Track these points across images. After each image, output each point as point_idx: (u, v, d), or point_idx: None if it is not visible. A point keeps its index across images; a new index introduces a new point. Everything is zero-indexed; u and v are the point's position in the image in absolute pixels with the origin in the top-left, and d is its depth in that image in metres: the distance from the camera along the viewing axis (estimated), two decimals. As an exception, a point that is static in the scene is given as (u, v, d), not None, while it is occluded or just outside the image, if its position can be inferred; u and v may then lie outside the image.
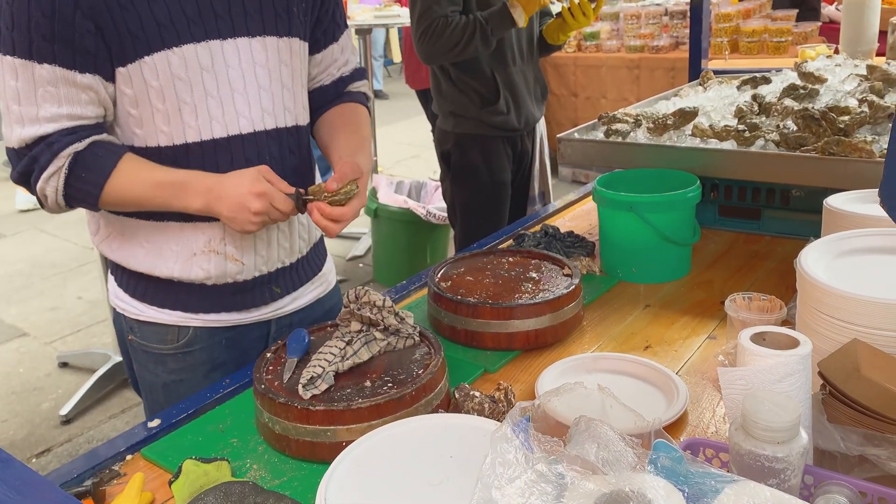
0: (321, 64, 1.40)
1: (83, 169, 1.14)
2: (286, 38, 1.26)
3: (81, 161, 1.14)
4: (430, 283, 1.39)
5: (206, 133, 1.20)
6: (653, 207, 1.51)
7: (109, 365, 3.16)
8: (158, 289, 1.29)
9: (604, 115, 1.95)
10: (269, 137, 1.26)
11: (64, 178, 1.14)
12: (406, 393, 1.01)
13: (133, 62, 1.14)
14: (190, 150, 1.20)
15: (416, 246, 3.89)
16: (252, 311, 1.34)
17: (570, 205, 2.14)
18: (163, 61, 1.15)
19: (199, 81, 1.18)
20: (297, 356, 1.13)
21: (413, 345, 1.17)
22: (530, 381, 1.19)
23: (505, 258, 1.51)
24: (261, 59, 1.23)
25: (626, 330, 1.36)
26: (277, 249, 1.32)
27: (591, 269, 1.59)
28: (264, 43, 1.23)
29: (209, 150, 1.21)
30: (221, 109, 1.20)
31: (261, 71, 1.23)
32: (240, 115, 1.22)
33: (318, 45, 1.38)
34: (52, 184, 1.15)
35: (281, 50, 1.26)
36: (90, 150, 1.15)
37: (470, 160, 2.48)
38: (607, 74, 5.25)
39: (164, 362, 1.32)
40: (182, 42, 1.15)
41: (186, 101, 1.18)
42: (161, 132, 1.19)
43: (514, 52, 2.45)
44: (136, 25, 1.12)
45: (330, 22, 1.38)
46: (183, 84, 1.17)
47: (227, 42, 1.19)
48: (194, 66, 1.16)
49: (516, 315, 1.27)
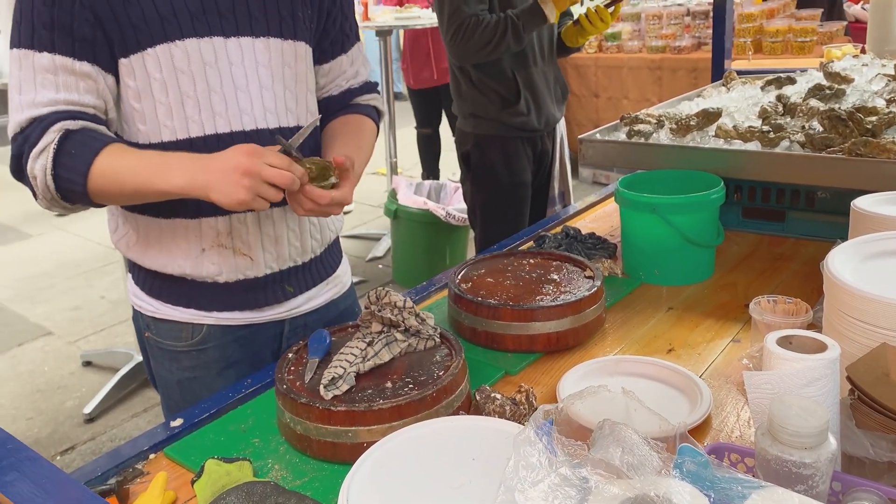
0: (329, 74, 1.40)
1: (73, 145, 1.11)
2: (290, 41, 1.27)
3: (72, 139, 1.12)
4: (450, 285, 1.39)
5: (210, 127, 1.20)
6: (676, 209, 1.50)
7: (132, 364, 3.19)
8: (173, 286, 1.30)
9: (626, 116, 1.93)
10: (271, 135, 1.26)
11: (53, 155, 1.10)
12: (427, 394, 1.00)
13: (136, 53, 1.15)
14: (194, 144, 1.20)
15: (435, 247, 3.89)
16: (265, 310, 1.34)
17: (591, 206, 2.13)
18: (165, 53, 1.15)
19: (202, 76, 1.18)
20: (319, 357, 1.14)
21: (433, 346, 1.16)
22: (551, 384, 1.19)
23: (526, 260, 1.51)
24: (263, 58, 1.24)
25: (649, 333, 1.35)
26: (288, 248, 1.32)
27: (612, 271, 1.59)
28: (267, 44, 1.24)
29: (212, 144, 1.21)
30: (224, 105, 1.21)
31: (263, 70, 1.24)
32: (242, 112, 1.22)
33: (325, 56, 1.38)
34: (41, 161, 1.11)
35: (284, 52, 1.26)
36: (82, 131, 1.13)
37: (490, 161, 2.48)
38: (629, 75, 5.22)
39: (179, 359, 1.34)
40: (185, 36, 1.16)
41: (189, 95, 1.18)
42: (164, 126, 1.19)
43: (535, 52, 2.44)
44: (138, 17, 1.13)
45: (338, 33, 1.38)
46: (186, 77, 1.17)
47: (230, 40, 1.20)
48: (197, 60, 1.17)
49: (537, 317, 1.26)
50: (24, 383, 3.31)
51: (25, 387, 3.29)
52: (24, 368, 3.44)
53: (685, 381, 1.12)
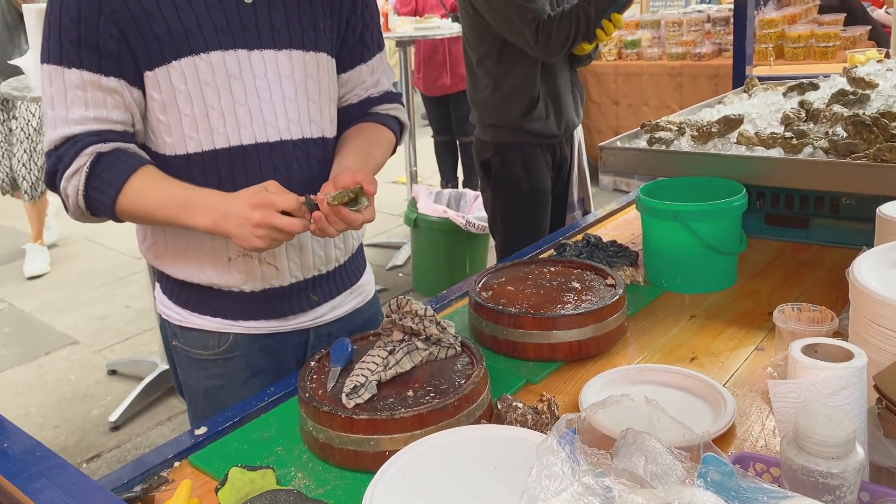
0: (348, 84, 1.40)
1: (104, 169, 1.15)
2: (313, 53, 1.27)
3: (104, 162, 1.16)
4: (470, 293, 1.39)
5: (235, 139, 1.22)
6: (698, 216, 1.49)
7: (156, 373, 3.22)
8: (200, 296, 1.31)
9: (647, 123, 1.93)
10: (295, 147, 1.27)
11: (85, 178, 1.15)
12: (448, 403, 1.00)
13: (160, 66, 1.17)
14: (219, 156, 1.22)
15: (455, 255, 3.89)
16: (290, 319, 1.35)
17: (612, 214, 2.12)
18: (190, 66, 1.17)
19: (226, 88, 1.20)
20: (341, 365, 1.14)
21: (454, 355, 1.16)
22: (573, 393, 1.18)
23: (546, 268, 1.50)
24: (286, 71, 1.25)
25: (672, 341, 1.34)
26: (312, 257, 1.33)
27: (634, 278, 1.58)
28: (290, 56, 1.25)
29: (238, 156, 1.22)
30: (250, 117, 1.22)
31: (286, 83, 1.25)
32: (267, 123, 1.24)
33: (344, 65, 1.38)
34: (74, 183, 1.16)
35: (307, 64, 1.27)
36: (114, 153, 1.17)
37: (511, 169, 2.47)
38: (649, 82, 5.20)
39: (206, 368, 1.35)
40: (210, 49, 1.17)
41: (214, 107, 1.20)
42: (190, 138, 1.21)
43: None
44: (163, 31, 1.15)
45: (357, 43, 1.38)
46: (211, 90, 1.19)
47: (254, 53, 1.21)
48: (222, 72, 1.19)
49: (559, 325, 1.26)
50: (50, 392, 3.36)
51: (52, 395, 3.33)
52: (51, 377, 3.49)
53: (709, 389, 1.11)
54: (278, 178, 1.24)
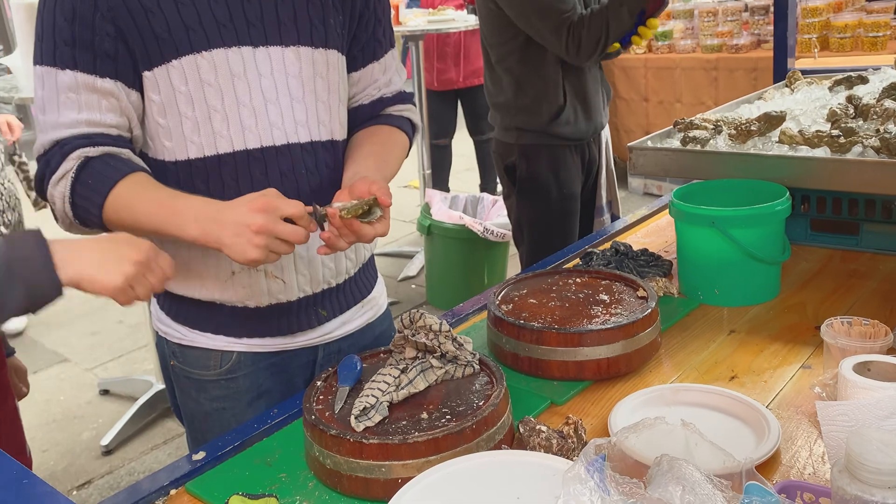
0: (359, 83, 1.41)
1: (91, 175, 1.16)
2: (322, 50, 1.28)
3: (91, 167, 1.16)
4: (489, 306, 1.38)
5: (239, 143, 1.22)
6: (737, 222, 1.49)
7: (151, 392, 3.24)
8: (200, 312, 1.32)
9: (680, 121, 1.92)
10: (303, 150, 1.28)
11: (71, 183, 1.16)
12: (466, 426, 1.00)
13: (160, 66, 1.17)
14: (222, 161, 1.22)
15: (472, 265, 3.89)
16: (297, 336, 1.36)
17: (642, 220, 2.11)
18: (191, 65, 1.18)
19: (230, 88, 1.20)
20: (349, 385, 1.14)
21: (472, 373, 1.16)
22: (602, 415, 1.18)
23: (572, 279, 1.50)
24: (294, 69, 1.25)
25: (709, 358, 1.33)
26: (322, 269, 1.33)
27: (668, 290, 1.57)
28: (298, 53, 1.25)
29: (242, 161, 1.23)
30: (254, 119, 1.23)
31: (294, 82, 1.26)
32: (273, 125, 1.24)
33: (356, 63, 1.39)
34: (60, 188, 1.17)
35: (316, 61, 1.27)
36: (102, 158, 1.18)
37: (538, 173, 2.47)
38: (681, 77, 5.19)
39: (207, 389, 1.35)
40: (212, 46, 1.18)
41: (217, 109, 1.20)
42: (191, 142, 1.21)
43: None
44: (162, 28, 1.16)
45: (370, 39, 1.39)
46: (213, 90, 1.19)
47: (259, 50, 1.22)
48: (224, 71, 1.19)
49: (585, 342, 1.26)
50: (39, 413, 3.39)
51: (41, 417, 3.36)
52: (40, 397, 3.52)
53: (750, 411, 1.11)
54: (285, 184, 1.25)
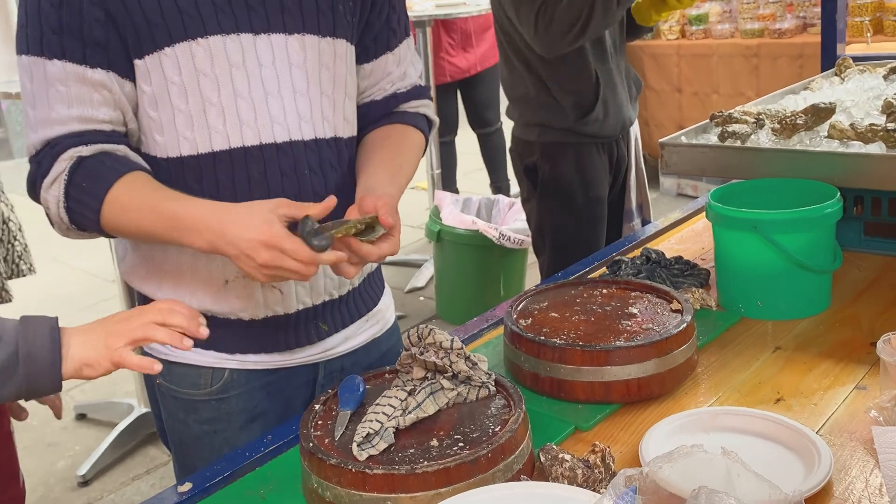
0: (371, 76, 1.41)
1: (85, 177, 1.17)
2: (329, 39, 1.29)
3: (84, 168, 1.18)
4: (506, 321, 1.38)
5: (236, 140, 1.23)
6: (782, 226, 1.48)
7: (133, 417, 3.24)
8: None
9: (717, 115, 1.92)
10: (307, 149, 1.28)
11: (64, 186, 1.17)
12: (481, 455, 1.00)
13: (151, 53, 1.18)
14: (217, 159, 1.23)
15: (487, 275, 3.89)
16: (296, 353, 1.36)
17: (676, 224, 2.11)
18: (185, 53, 1.18)
19: (227, 79, 1.21)
20: (351, 408, 1.14)
21: (487, 395, 1.16)
22: (633, 443, 1.17)
23: (598, 290, 1.49)
24: (298, 59, 1.26)
25: (752, 378, 1.33)
26: (323, 279, 1.34)
27: (705, 302, 1.56)
28: (303, 42, 1.26)
29: (239, 159, 1.24)
30: (254, 113, 1.23)
31: (297, 73, 1.26)
32: (273, 120, 1.25)
33: (367, 54, 1.39)
34: (54, 192, 1.19)
35: (322, 51, 1.28)
36: (97, 157, 1.19)
37: (561, 174, 2.46)
38: (719, 65, 5.18)
39: (196, 410, 1.36)
40: (208, 32, 1.19)
41: (213, 102, 1.21)
42: (184, 138, 1.22)
43: (608, 42, 2.43)
44: (154, 13, 1.17)
45: (383, 28, 1.39)
46: (208, 81, 1.20)
47: (260, 37, 1.23)
48: (222, 60, 1.20)
49: (614, 360, 1.25)
50: (9, 439, 3.40)
51: (11, 443, 3.37)
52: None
53: (799, 438, 1.10)
54: (286, 185, 1.26)
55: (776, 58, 4.93)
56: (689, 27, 5.33)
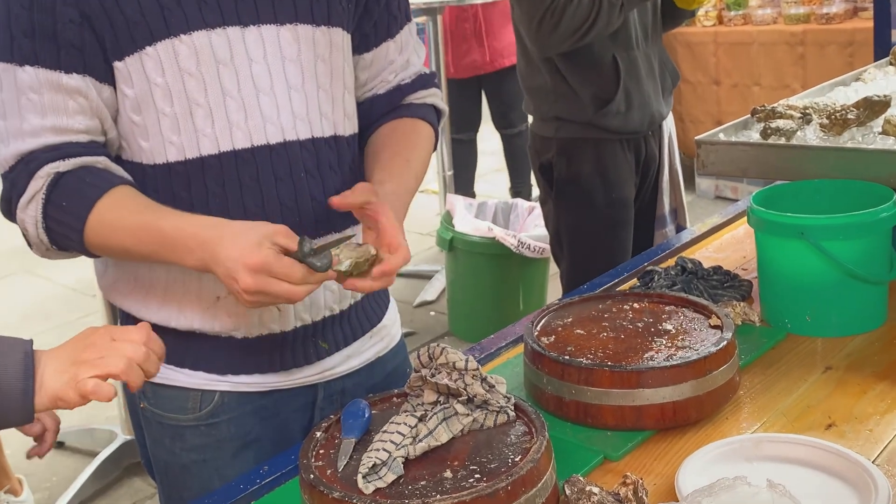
0: (372, 67, 1.43)
1: (64, 195, 1.19)
2: (324, 28, 1.30)
3: (63, 186, 1.19)
4: (526, 339, 1.38)
5: (226, 143, 1.24)
6: (832, 232, 1.47)
7: (115, 445, 3.25)
8: (177, 344, 1.32)
9: (759, 109, 1.91)
10: (303, 149, 1.29)
11: (42, 205, 1.19)
12: (500, 487, 1.00)
13: (132, 54, 1.20)
14: (206, 164, 1.24)
15: (504, 288, 3.89)
16: (293, 373, 1.37)
17: (714, 230, 2.11)
18: (168, 52, 1.20)
19: (214, 78, 1.22)
20: (356, 436, 1.14)
21: (506, 422, 1.16)
22: (668, 474, 1.17)
23: (628, 304, 1.49)
24: (291, 52, 1.27)
25: (800, 402, 1.32)
26: (322, 292, 1.34)
27: (747, 317, 1.56)
28: (296, 32, 1.27)
29: (230, 164, 1.25)
30: (244, 113, 1.24)
31: (291, 67, 1.27)
32: (266, 120, 1.26)
33: (367, 42, 1.40)
34: (31, 212, 1.20)
35: (317, 42, 1.29)
36: (75, 173, 1.20)
37: (580, 173, 2.47)
38: (760, 54, 5.17)
39: (183, 437, 1.36)
40: (192, 28, 1.20)
41: (199, 103, 1.22)
42: (170, 143, 1.23)
43: (637, 28, 2.43)
44: (133, 10, 1.18)
45: (383, 12, 1.41)
46: (194, 81, 1.21)
47: (249, 30, 1.24)
48: (208, 58, 1.21)
49: (646, 382, 1.25)
50: (-20, 470, 3.42)
51: (-18, 474, 3.39)
52: (-19, 451, 3.55)
53: (852, 468, 1.10)
54: (281, 190, 1.27)
55: (824, 45, 4.92)
56: (727, 12, 5.32)
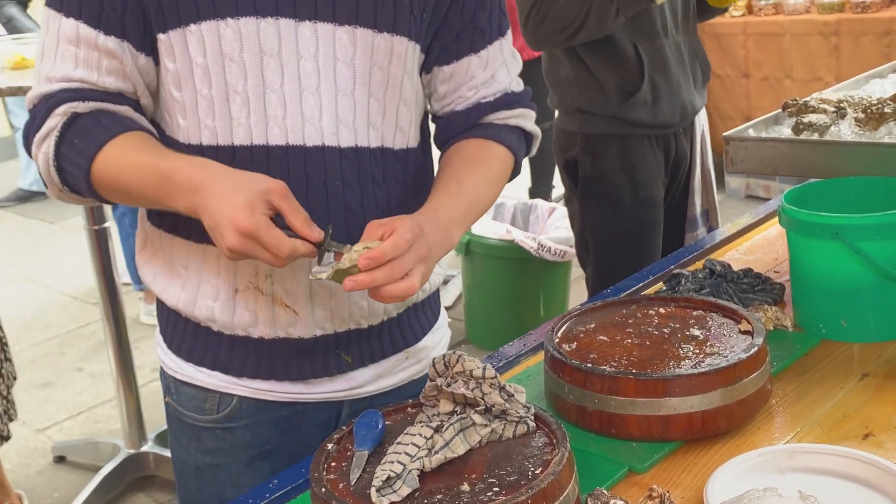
0: (451, 80, 1.40)
1: (77, 134, 1.22)
2: (386, 35, 1.28)
3: (78, 125, 1.23)
4: (547, 345, 1.38)
5: (260, 136, 1.25)
6: (869, 232, 1.47)
7: (119, 459, 3.26)
8: (197, 338, 1.36)
9: (791, 103, 1.91)
10: (343, 157, 1.29)
11: (55, 143, 1.23)
12: (519, 501, 1.00)
13: (176, 28, 1.23)
14: (237, 155, 1.26)
15: (524, 293, 3.88)
16: (314, 385, 1.37)
17: (744, 230, 2.10)
18: (212, 33, 1.22)
19: (256, 67, 1.23)
20: (369, 448, 1.14)
21: (526, 432, 1.16)
22: (697, 486, 1.17)
23: (654, 308, 1.49)
24: (346, 54, 1.26)
25: (836, 410, 1.32)
26: (348, 305, 1.34)
27: (779, 322, 1.56)
28: (354, 35, 1.26)
29: (261, 159, 1.26)
30: (283, 108, 1.25)
31: (343, 69, 1.27)
32: (306, 120, 1.26)
33: (447, 55, 1.38)
34: (45, 148, 1.24)
35: (376, 48, 1.28)
36: (92, 115, 1.24)
37: (606, 170, 2.46)
38: (792, 45, 5.15)
39: (200, 438, 1.39)
40: (241, 13, 1.21)
41: (237, 90, 1.24)
42: (205, 126, 1.26)
43: (667, 17, 2.43)
44: None
45: (467, 25, 1.37)
46: (235, 67, 1.23)
47: (303, 24, 1.24)
48: (252, 45, 1.22)
49: (673, 390, 1.25)
50: (-22, 486, 3.44)
51: (-19, 490, 3.41)
52: (-21, 466, 3.57)
53: (891, 480, 1.09)
54: (312, 196, 1.27)
55: (859, 36, 4.89)
56: (757, 2, 5.30)
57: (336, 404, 1.40)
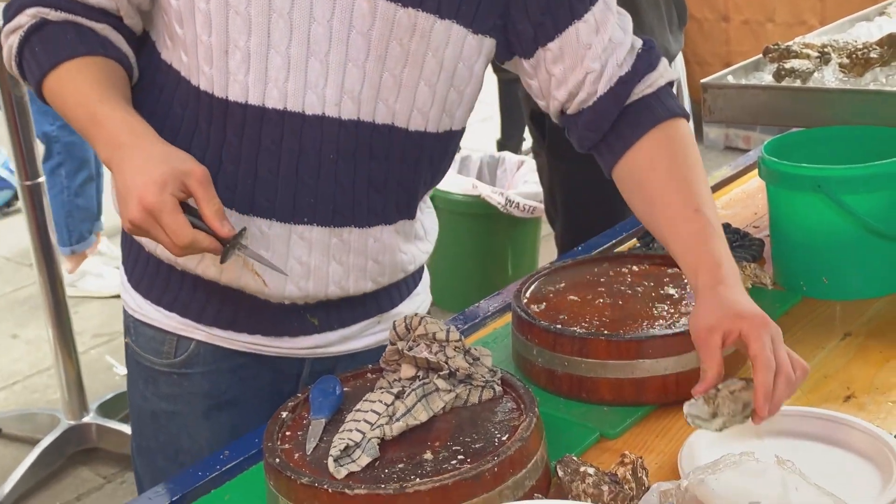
0: (565, 57, 1.31)
1: (40, 42, 1.25)
2: (411, 10, 1.23)
3: (45, 32, 1.25)
4: (514, 306, 1.39)
5: (256, 97, 1.24)
6: (852, 184, 1.48)
7: (59, 431, 3.24)
8: (158, 277, 1.36)
9: (772, 48, 1.91)
10: (342, 129, 1.27)
11: (19, 41, 1.26)
12: (485, 469, 1.00)
13: None
14: (230, 110, 1.25)
15: (491, 251, 3.89)
16: (280, 340, 1.38)
17: (723, 183, 2.11)
18: None
19: (262, 25, 1.21)
20: (326, 416, 1.15)
21: (492, 398, 1.17)
22: (670, 452, 1.18)
23: (627, 266, 1.50)
24: (363, 24, 1.23)
25: (817, 371, 1.33)
26: (326, 288, 1.33)
27: (759, 279, 1.57)
28: (375, 5, 1.23)
29: (254, 119, 1.25)
30: (285, 71, 1.23)
31: (358, 39, 1.24)
32: (308, 86, 1.24)
33: (545, 31, 1.30)
34: (10, 42, 1.28)
35: (398, 22, 1.24)
36: (62, 25, 1.25)
37: None
38: (774, -14, 5.15)
39: (156, 382, 1.40)
40: None
41: (238, 45, 1.22)
42: (202, 72, 1.25)
43: None
44: None
45: None
46: (239, 21, 1.21)
47: None
48: (262, 2, 1.20)
49: (646, 352, 1.26)
50: None
51: (-90, 467, 3.38)
52: None
53: (873, 443, 1.11)
54: (303, 165, 1.26)
55: (845, -24, 4.91)
56: (738, -60, 5.30)
57: (298, 361, 1.40)
